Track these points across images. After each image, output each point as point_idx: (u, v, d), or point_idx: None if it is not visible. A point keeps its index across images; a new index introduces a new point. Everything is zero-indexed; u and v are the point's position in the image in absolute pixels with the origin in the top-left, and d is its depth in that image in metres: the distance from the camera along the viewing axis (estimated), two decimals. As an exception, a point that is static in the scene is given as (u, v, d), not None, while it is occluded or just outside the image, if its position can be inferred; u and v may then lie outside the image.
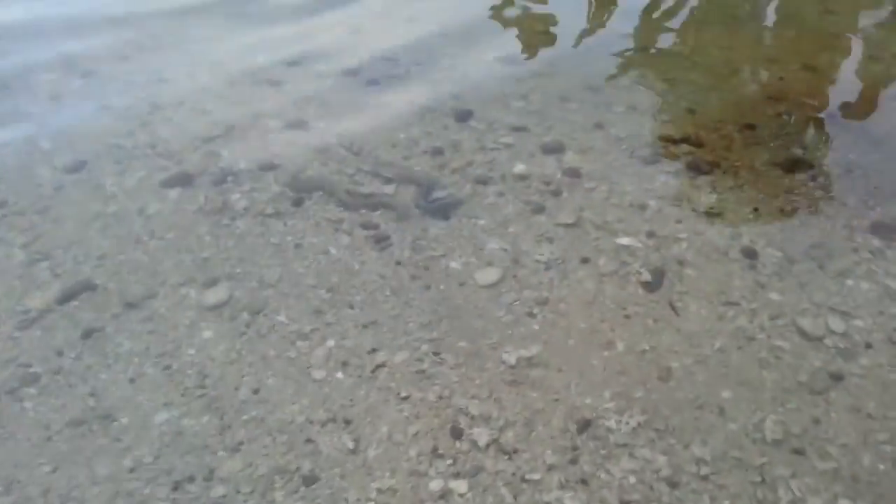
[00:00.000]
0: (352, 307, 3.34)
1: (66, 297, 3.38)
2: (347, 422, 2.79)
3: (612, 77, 5.35)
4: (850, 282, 3.42)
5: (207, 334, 3.21)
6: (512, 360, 3.03)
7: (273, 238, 3.78)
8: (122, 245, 3.72)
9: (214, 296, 3.39)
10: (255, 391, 2.92)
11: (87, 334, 3.21)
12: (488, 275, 3.50)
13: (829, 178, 4.16)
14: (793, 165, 4.29)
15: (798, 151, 4.42)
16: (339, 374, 2.99)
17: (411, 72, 5.42)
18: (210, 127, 4.70)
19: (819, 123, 4.69)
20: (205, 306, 3.35)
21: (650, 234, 3.74)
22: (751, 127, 4.68)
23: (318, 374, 2.99)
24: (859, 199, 3.96)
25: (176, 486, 2.61)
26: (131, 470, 2.65)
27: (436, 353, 3.09)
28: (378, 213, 3.96)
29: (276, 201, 4.04)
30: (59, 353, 3.11)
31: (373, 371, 3.01)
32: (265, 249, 3.70)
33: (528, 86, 5.21)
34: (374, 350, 3.11)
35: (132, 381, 2.99)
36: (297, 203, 4.02)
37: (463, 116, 4.81)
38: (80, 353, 3.12)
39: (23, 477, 2.63)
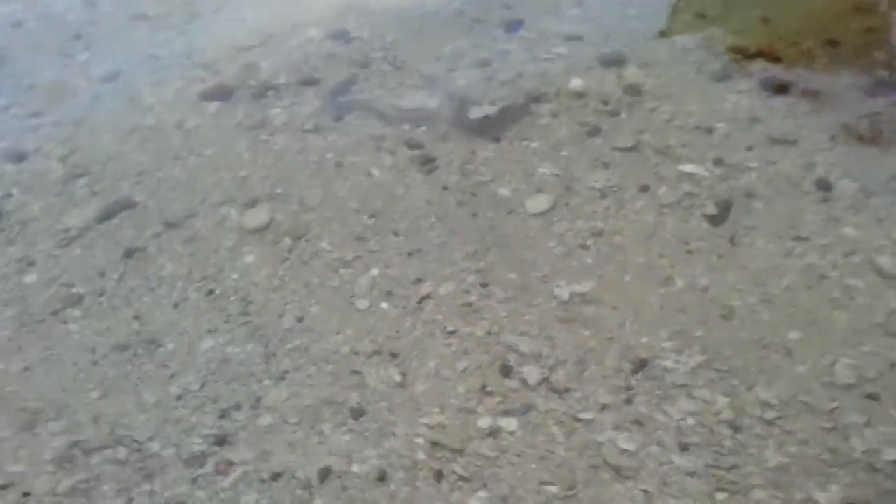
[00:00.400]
0: (396, 234, 3.21)
1: (105, 215, 3.32)
2: (394, 355, 2.71)
3: (680, -18, 4.91)
4: (934, 218, 3.14)
5: (250, 259, 3.12)
6: (564, 295, 2.89)
7: (313, 156, 3.62)
8: (160, 161, 3.61)
9: (255, 218, 3.28)
10: (300, 319, 2.85)
11: (129, 254, 3.15)
12: (539, 202, 3.31)
13: (917, 101, 3.78)
14: (876, 89, 3.91)
15: (884, 73, 4.01)
16: (384, 305, 2.90)
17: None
18: (248, 36, 4.46)
19: (909, 37, 4.24)
20: (246, 229, 3.25)
21: (717, 162, 3.48)
22: (833, 43, 4.26)
23: (363, 303, 2.90)
24: (951, 126, 3.61)
25: (223, 414, 2.59)
26: (178, 397, 2.64)
27: (483, 285, 2.96)
28: (422, 129, 3.75)
29: (317, 116, 3.85)
30: (101, 274, 3.07)
31: (418, 302, 2.90)
32: (305, 168, 3.55)
33: (586, -10, 4.81)
34: (419, 280, 2.99)
35: (176, 305, 2.94)
36: (338, 118, 3.83)
37: (513, 27, 4.47)
38: (123, 274, 3.07)
39: (72, 402, 2.64)
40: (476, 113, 3.81)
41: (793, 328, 2.75)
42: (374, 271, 3.04)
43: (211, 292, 2.98)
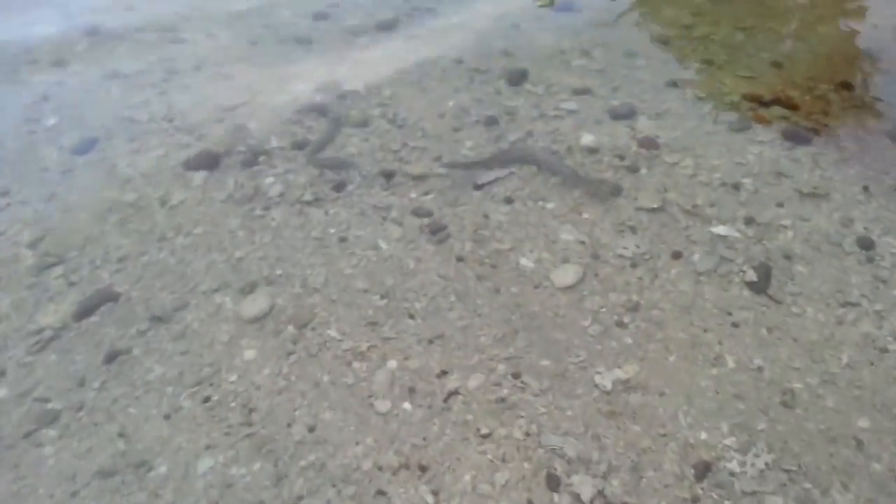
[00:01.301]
0: (412, 317, 2.89)
1: (84, 312, 2.95)
2: (423, 468, 2.37)
3: (684, 27, 4.74)
4: None
5: (250, 354, 2.78)
6: (607, 383, 2.59)
7: (314, 231, 3.30)
8: (144, 243, 3.26)
9: (254, 305, 2.94)
10: (311, 429, 2.51)
11: (111, 357, 2.78)
12: (566, 274, 3.03)
13: (946, 147, 3.60)
14: (901, 132, 3.73)
15: (906, 115, 3.85)
16: (407, 405, 2.57)
17: (452, 22, 4.82)
18: (232, 94, 4.17)
19: (928, 79, 4.09)
20: (244, 318, 2.90)
21: (749, 221, 3.24)
22: (847, 86, 4.10)
23: (383, 405, 2.57)
24: None
25: (228, 553, 2.23)
26: (175, 534, 2.27)
27: (515, 376, 2.65)
28: (430, 196, 3.46)
29: (315, 185, 3.54)
30: (81, 383, 2.70)
31: (445, 400, 2.58)
32: (306, 245, 3.23)
33: (588, 39, 4.62)
34: (443, 373, 2.67)
35: (167, 417, 2.58)
36: (339, 188, 3.52)
37: (516, 79, 4.24)
38: (105, 381, 2.71)
39: (49, 545, 2.26)
40: (486, 176, 3.54)
41: (860, 415, 2.48)
42: (393, 363, 2.72)
43: (207, 399, 2.62)
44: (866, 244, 3.10)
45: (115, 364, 2.76)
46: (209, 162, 3.63)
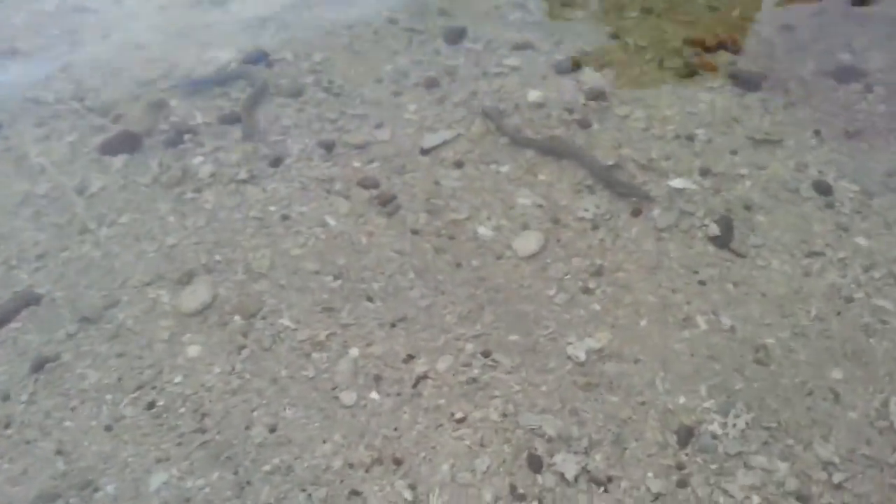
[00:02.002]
0: (370, 299, 2.71)
1: (3, 318, 2.64)
2: (398, 461, 2.23)
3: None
4: (941, 216, 2.94)
5: (194, 351, 2.55)
6: (580, 354, 2.49)
7: (252, 210, 3.06)
8: (63, 238, 2.95)
9: (193, 297, 2.70)
10: (272, 429, 2.32)
11: (39, 366, 2.51)
12: (528, 242, 2.89)
13: (886, 87, 3.61)
14: (844, 74, 3.72)
15: (846, 56, 3.83)
16: (374, 395, 2.41)
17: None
18: (148, 66, 3.80)
19: (864, 20, 4.08)
20: (184, 312, 2.66)
21: (705, 172, 3.17)
22: (789, 28, 4.05)
23: (348, 397, 2.40)
24: (929, 110, 3.45)
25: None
26: (132, 562, 2.06)
27: (485, 354, 2.52)
28: (375, 165, 3.25)
29: (249, 162, 3.27)
30: (5, 397, 2.43)
31: (414, 385, 2.43)
32: (245, 226, 2.99)
33: (525, -10, 4.42)
34: (410, 357, 2.52)
35: (109, 428, 2.34)
36: (275, 162, 3.26)
37: (455, 37, 4.02)
38: (34, 393, 2.44)
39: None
40: (432, 139, 3.35)
41: (833, 366, 2.47)
42: (355, 351, 2.54)
43: (151, 405, 2.39)
44: (823, 189, 3.08)
45: (43, 373, 2.49)
46: (129, 144, 3.30)
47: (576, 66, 3.77)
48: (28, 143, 3.34)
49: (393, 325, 2.61)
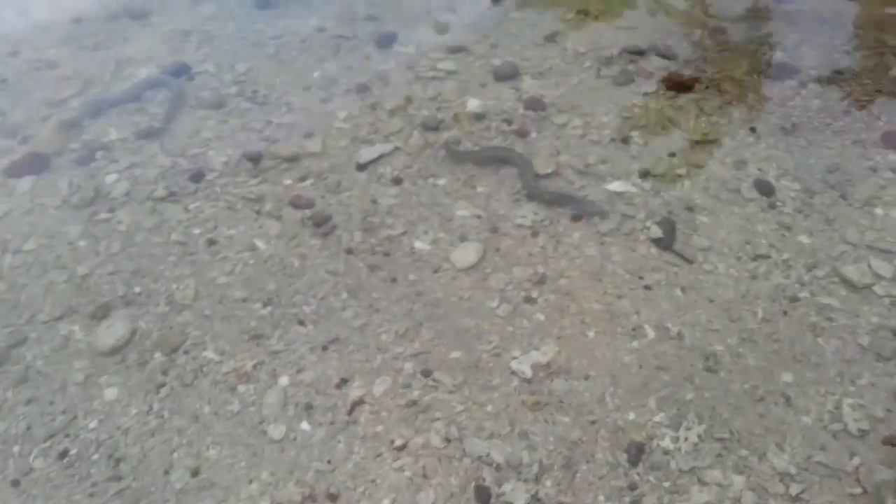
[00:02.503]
0: (302, 323, 2.54)
1: None
2: (333, 497, 2.07)
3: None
4: (878, 210, 2.94)
5: (111, 393, 2.34)
6: (525, 369, 2.37)
7: (174, 233, 2.86)
8: (-39, 271, 2.70)
9: (110, 332, 2.48)
10: (194, 472, 2.13)
11: (-68, 417, 2.26)
12: (466, 253, 2.77)
13: (820, 83, 3.62)
14: (777, 71, 3.72)
15: (778, 55, 3.84)
16: (305, 426, 2.24)
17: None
18: (59, 85, 3.56)
19: (794, 18, 4.11)
20: (100, 350, 2.45)
21: (644, 174, 3.10)
22: (720, 30, 4.05)
23: (276, 430, 2.22)
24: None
25: None
26: None
27: (425, 374, 2.38)
28: (308, 182, 3.08)
29: (168, 177, 3.07)
30: None
31: (349, 412, 2.27)
32: (167, 252, 2.78)
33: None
34: (343, 381, 2.36)
35: (16, 484, 2.11)
36: (197, 178, 3.07)
37: (385, 42, 3.89)
38: (-74, 450, 2.19)
39: None
40: (369, 154, 3.20)
41: (783, 369, 2.41)
42: (284, 379, 2.37)
43: (64, 454, 2.17)
44: (765, 189, 3.04)
45: (-62, 427, 2.24)
46: (36, 165, 3.07)
47: (514, 73, 3.67)
48: (-78, 170, 3.07)
49: (325, 349, 2.45)
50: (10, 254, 2.75)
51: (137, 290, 2.63)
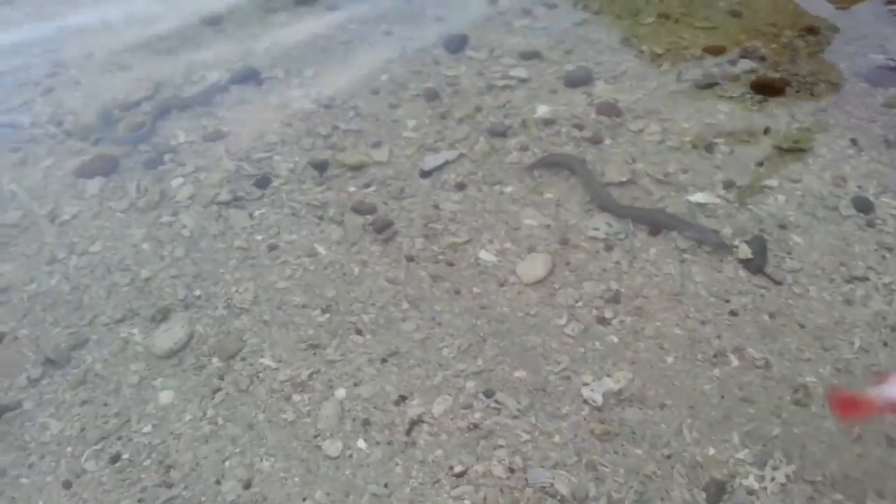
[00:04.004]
0: (360, 332, 2.45)
1: (-44, 362, 2.41)
2: (388, 524, 1.94)
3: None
4: None
5: (166, 397, 2.29)
6: (597, 397, 2.20)
7: (237, 239, 2.81)
8: (30, 269, 2.73)
9: (168, 336, 2.45)
10: (247, 484, 2.05)
11: (-5, 415, 2.27)
12: (534, 266, 2.62)
13: (927, 89, 3.31)
14: (878, 76, 3.43)
15: (879, 57, 3.54)
16: (362, 444, 2.13)
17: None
18: (132, 86, 3.59)
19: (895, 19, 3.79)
20: (156, 353, 2.41)
21: (729, 186, 2.88)
22: (813, 30, 3.77)
23: (332, 447, 2.13)
24: (975, 115, 3.15)
25: None
26: None
27: (488, 394, 2.24)
28: (372, 189, 3.00)
29: (233, 182, 3.04)
30: (-44, 452, 2.18)
31: (408, 432, 2.15)
32: (228, 257, 2.74)
33: (531, -3, 4.19)
34: (402, 398, 2.24)
35: (67, 485, 2.09)
36: (262, 183, 3.03)
37: (455, 45, 3.78)
38: (-13, 447, 2.19)
39: None
40: (434, 161, 3.09)
41: (884, 403, 2.14)
42: (341, 392, 2.27)
43: (116, 458, 2.14)
44: (864, 206, 2.78)
45: (1, 423, 2.24)
46: (106, 167, 3.09)
47: (588, 78, 3.50)
48: (1, 169, 3.13)
49: (384, 361, 2.34)
50: (77, 255, 2.76)
51: (197, 292, 2.59)
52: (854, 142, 3.05)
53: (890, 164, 2.93)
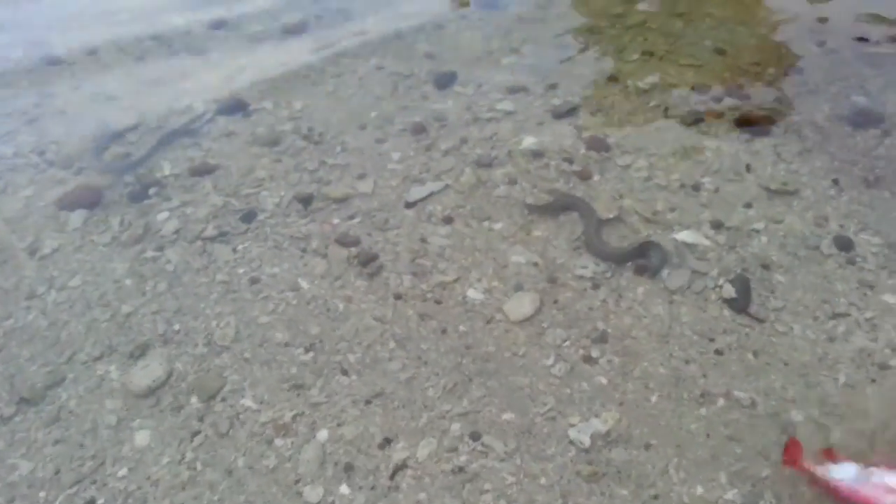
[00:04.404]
0: (345, 372, 2.41)
1: (-74, 400, 2.34)
2: (371, 576, 1.89)
3: (615, 16, 4.41)
4: (974, 271, 2.65)
5: (142, 439, 2.23)
6: (584, 438, 2.17)
7: (220, 273, 2.77)
8: (7, 304, 2.67)
9: (146, 373, 2.39)
10: (225, 534, 1.99)
11: (-37, 457, 2.19)
12: (521, 304, 2.60)
13: (908, 131, 3.36)
14: (860, 118, 3.47)
15: (861, 99, 3.60)
16: (344, 489, 2.08)
17: (368, 24, 4.35)
18: (117, 118, 3.57)
19: (877, 61, 3.86)
20: (134, 391, 2.36)
21: (716, 226, 2.89)
22: (797, 70, 3.83)
23: (313, 493, 2.07)
24: (954, 157, 3.19)
25: None
26: None
27: (474, 437, 2.20)
28: (356, 220, 2.98)
29: (219, 217, 3.01)
30: (-80, 496, 2.10)
31: (392, 476, 2.11)
32: (210, 292, 2.70)
33: (516, 35, 4.23)
34: (387, 441, 2.20)
35: (36, 533, 2.01)
36: (248, 218, 3.00)
37: (444, 81, 3.80)
38: (-46, 492, 2.11)
39: None
40: (418, 192, 3.09)
41: (874, 444, 2.14)
42: (323, 434, 2.23)
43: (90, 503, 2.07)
44: (844, 244, 2.79)
45: (-32, 466, 2.17)
46: (89, 198, 3.05)
47: (574, 111, 3.53)
48: (-21, 199, 3.09)
49: (368, 402, 2.30)
50: (55, 290, 2.71)
51: (176, 328, 2.54)
52: (836, 182, 3.08)
53: (869, 204, 2.96)
